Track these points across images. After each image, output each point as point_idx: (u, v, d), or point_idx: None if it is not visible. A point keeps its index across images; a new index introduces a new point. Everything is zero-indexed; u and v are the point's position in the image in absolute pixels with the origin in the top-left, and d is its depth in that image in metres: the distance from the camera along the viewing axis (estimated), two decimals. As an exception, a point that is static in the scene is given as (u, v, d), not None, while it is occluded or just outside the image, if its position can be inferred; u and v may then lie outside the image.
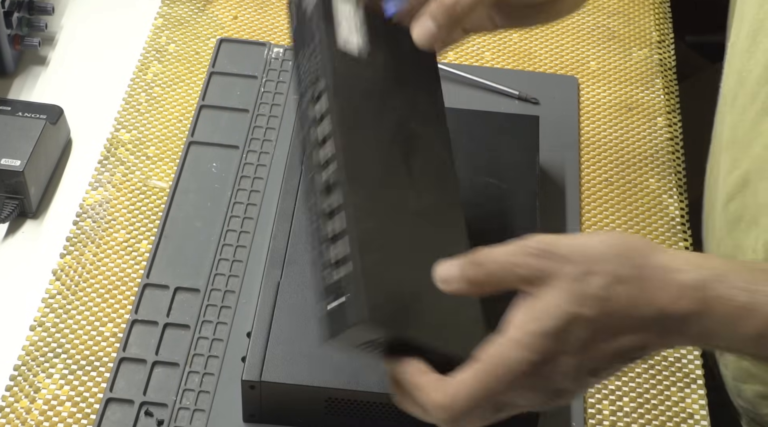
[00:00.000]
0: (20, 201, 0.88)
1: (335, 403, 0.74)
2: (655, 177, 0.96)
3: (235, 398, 0.76)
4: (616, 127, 1.00)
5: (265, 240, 0.86)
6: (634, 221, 0.92)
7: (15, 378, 0.79)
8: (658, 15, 1.11)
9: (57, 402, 0.78)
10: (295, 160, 0.86)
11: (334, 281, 0.59)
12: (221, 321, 0.82)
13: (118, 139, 0.96)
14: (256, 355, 0.74)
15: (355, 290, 0.57)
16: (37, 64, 1.02)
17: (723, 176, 0.80)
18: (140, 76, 1.01)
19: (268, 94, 0.99)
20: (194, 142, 0.95)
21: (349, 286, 0.58)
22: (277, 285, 0.78)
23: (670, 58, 1.07)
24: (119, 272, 0.86)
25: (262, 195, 0.91)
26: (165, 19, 1.07)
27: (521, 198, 0.85)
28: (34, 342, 0.81)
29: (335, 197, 0.60)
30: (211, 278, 0.85)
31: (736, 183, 0.78)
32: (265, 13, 1.09)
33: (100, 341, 0.81)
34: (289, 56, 1.02)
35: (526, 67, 1.05)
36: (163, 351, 0.80)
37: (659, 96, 1.03)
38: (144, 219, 0.90)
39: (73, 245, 0.87)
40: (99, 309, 0.83)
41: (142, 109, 0.98)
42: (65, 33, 1.06)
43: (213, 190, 0.91)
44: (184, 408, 0.77)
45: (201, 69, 1.02)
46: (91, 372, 0.80)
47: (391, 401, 0.73)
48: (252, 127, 0.96)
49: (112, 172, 0.93)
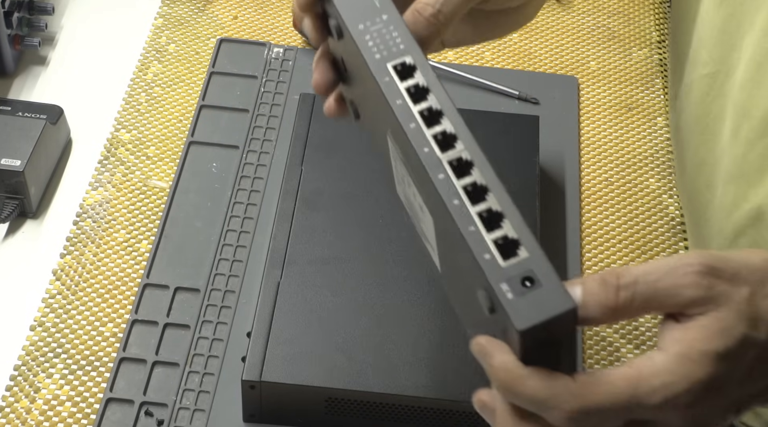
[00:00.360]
0: (20, 201, 0.88)
1: (335, 403, 0.74)
2: (655, 177, 0.96)
3: (235, 398, 0.76)
4: (616, 127, 1.00)
5: (265, 240, 0.86)
6: (634, 221, 0.92)
7: (15, 378, 0.79)
8: (658, 15, 1.11)
9: (57, 402, 0.78)
10: (295, 160, 0.86)
11: (510, 264, 0.51)
12: (221, 321, 0.82)
13: (118, 139, 0.96)
14: (256, 355, 0.74)
15: (554, 279, 0.51)
16: (37, 64, 1.02)
17: (727, 209, 0.78)
18: (140, 76, 1.01)
19: (268, 94, 0.99)
20: (194, 142, 0.95)
21: (541, 275, 0.51)
22: (277, 285, 0.78)
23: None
24: (119, 272, 0.86)
25: (262, 195, 0.91)
26: (165, 19, 1.07)
27: (521, 198, 0.84)
28: (34, 342, 0.81)
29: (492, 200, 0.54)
30: (211, 278, 0.85)
31: (746, 217, 0.75)
32: (265, 13, 1.09)
33: (100, 341, 0.81)
34: (289, 56, 1.02)
35: (526, 67, 1.05)
36: (163, 351, 0.80)
37: (659, 96, 1.03)
38: (144, 219, 0.90)
39: (73, 245, 0.87)
40: (99, 309, 0.83)
41: (142, 109, 0.98)
42: (65, 33, 1.06)
43: (213, 190, 0.91)
44: (184, 408, 0.77)
45: (201, 69, 1.02)
46: (91, 372, 0.80)
47: (390, 401, 0.73)
48: (252, 127, 0.96)
49: (112, 172, 0.93)
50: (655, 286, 0.51)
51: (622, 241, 0.91)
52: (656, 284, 0.51)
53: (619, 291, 0.51)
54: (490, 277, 0.50)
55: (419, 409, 0.74)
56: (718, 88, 0.77)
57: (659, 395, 0.50)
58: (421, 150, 0.54)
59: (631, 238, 0.91)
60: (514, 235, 0.51)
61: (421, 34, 0.62)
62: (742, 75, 0.73)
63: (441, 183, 0.53)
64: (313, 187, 0.85)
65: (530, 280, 0.50)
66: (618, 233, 0.91)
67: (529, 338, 0.49)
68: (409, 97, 0.56)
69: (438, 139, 0.54)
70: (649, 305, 0.51)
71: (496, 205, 0.52)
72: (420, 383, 0.73)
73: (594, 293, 0.51)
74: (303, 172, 0.86)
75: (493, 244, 0.51)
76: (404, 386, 0.73)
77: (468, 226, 0.52)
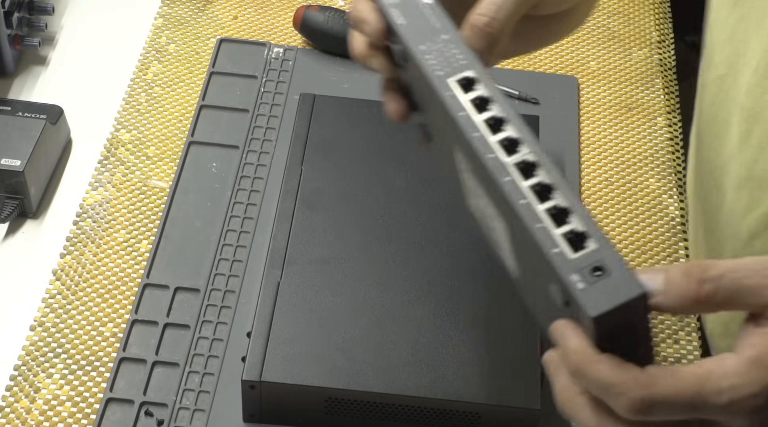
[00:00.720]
0: (20, 201, 0.88)
1: (335, 403, 0.74)
2: (655, 177, 0.96)
3: (235, 398, 0.76)
4: (616, 127, 1.00)
5: (265, 240, 0.86)
6: (634, 221, 0.92)
7: (15, 378, 0.79)
8: (658, 15, 1.11)
9: (57, 402, 0.78)
10: (295, 159, 0.86)
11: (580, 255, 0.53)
12: (221, 321, 0.82)
13: (118, 139, 0.96)
14: (256, 355, 0.74)
15: (623, 268, 0.53)
16: (37, 64, 1.02)
17: (740, 213, 0.78)
18: (140, 76, 1.01)
19: (268, 94, 0.99)
20: (194, 142, 0.95)
21: (610, 264, 0.53)
22: (277, 285, 0.78)
23: (670, 58, 1.07)
24: (119, 272, 0.86)
25: (262, 195, 0.91)
26: (165, 19, 1.07)
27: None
28: (34, 342, 0.81)
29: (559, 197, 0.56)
30: (211, 278, 0.85)
31: (761, 221, 0.75)
32: (265, 13, 1.09)
33: (100, 341, 0.81)
34: (289, 56, 1.02)
35: (526, 67, 1.05)
36: (163, 351, 0.80)
37: (659, 96, 1.03)
38: (144, 219, 0.90)
39: (73, 245, 0.87)
40: (99, 309, 0.83)
41: (142, 109, 0.98)
42: (65, 33, 1.06)
43: (213, 190, 0.91)
44: (184, 408, 0.77)
45: (201, 69, 1.02)
46: (91, 372, 0.80)
47: (390, 401, 0.73)
48: (252, 127, 0.96)
49: (112, 172, 0.93)
50: (740, 283, 0.51)
51: (622, 241, 0.91)
52: (742, 280, 0.51)
53: (703, 284, 0.51)
54: (561, 269, 0.52)
55: (419, 409, 0.74)
56: (726, 92, 0.77)
57: (726, 396, 0.50)
58: (487, 156, 0.57)
59: (631, 238, 0.91)
60: (581, 228, 0.53)
61: (478, 45, 0.64)
62: (750, 79, 0.73)
63: (508, 185, 0.56)
64: (313, 187, 0.85)
65: (600, 269, 0.52)
66: (618, 233, 0.91)
67: (602, 324, 0.51)
68: (472, 108, 0.59)
69: (503, 145, 0.57)
70: (731, 301, 0.51)
71: (562, 201, 0.54)
72: (420, 383, 0.73)
73: (676, 282, 0.51)
74: (303, 172, 0.86)
75: (562, 238, 0.53)
76: (404, 386, 0.73)
77: (536, 223, 0.54)
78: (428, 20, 0.63)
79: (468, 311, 0.77)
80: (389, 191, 0.85)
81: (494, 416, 0.73)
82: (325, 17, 1.03)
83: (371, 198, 0.84)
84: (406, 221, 0.83)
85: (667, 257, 0.90)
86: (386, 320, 0.76)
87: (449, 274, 0.79)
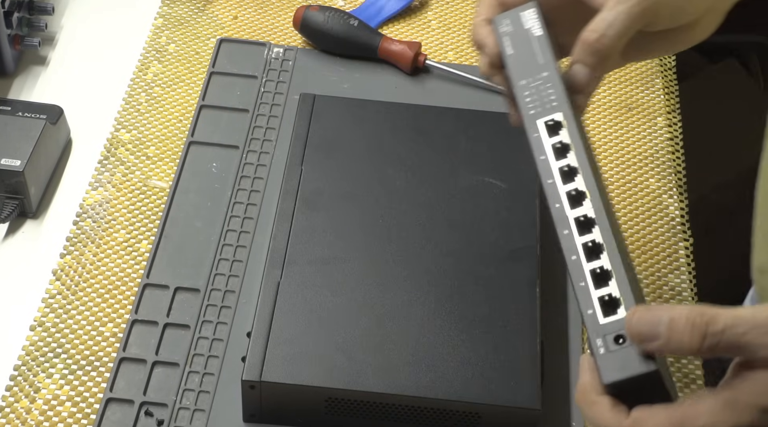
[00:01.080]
0: (20, 201, 0.88)
1: (335, 403, 0.74)
2: (655, 177, 0.96)
3: (235, 398, 0.76)
4: (616, 127, 1.00)
5: (265, 240, 0.86)
6: (634, 221, 0.92)
7: (15, 378, 0.79)
8: (658, 15, 1.11)
9: (57, 402, 0.78)
10: (295, 159, 0.86)
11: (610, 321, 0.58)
12: (221, 321, 0.82)
13: (118, 139, 0.96)
14: (256, 355, 0.74)
15: None
16: (37, 64, 1.02)
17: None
18: (140, 76, 1.01)
19: (268, 94, 0.99)
20: (194, 142, 0.95)
21: None
22: (277, 285, 0.78)
23: (670, 58, 1.07)
24: (119, 272, 0.86)
25: (262, 195, 0.91)
26: (165, 19, 1.07)
27: (521, 198, 0.85)
28: (34, 342, 0.81)
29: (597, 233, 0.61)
30: (211, 278, 0.85)
31: None
32: (265, 13, 1.09)
33: (100, 341, 0.81)
34: (289, 56, 1.02)
35: (526, 67, 1.04)
36: (163, 351, 0.80)
37: (659, 96, 1.03)
38: (144, 219, 0.90)
39: (73, 245, 0.87)
40: (99, 309, 0.83)
41: (142, 109, 0.98)
42: (65, 33, 1.06)
43: (213, 190, 0.92)
44: (184, 408, 0.77)
45: (201, 69, 1.02)
46: (91, 372, 0.80)
47: (390, 401, 0.73)
48: (252, 127, 0.96)
49: (112, 172, 0.93)
50: (740, 339, 0.53)
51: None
52: (743, 337, 0.53)
53: (705, 338, 0.54)
54: (590, 329, 0.58)
55: (419, 409, 0.74)
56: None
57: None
58: (555, 205, 0.62)
59: (631, 238, 0.91)
60: (617, 294, 0.58)
61: (588, 61, 0.65)
62: None
63: (565, 239, 0.61)
64: (313, 187, 0.85)
65: (622, 338, 0.56)
66: (618, 233, 0.91)
67: (614, 388, 0.56)
68: (552, 154, 0.63)
69: (570, 195, 0.62)
70: (729, 352, 0.54)
71: (607, 264, 0.59)
72: (420, 383, 0.73)
73: (679, 331, 0.54)
74: (303, 172, 0.86)
75: (599, 301, 0.58)
76: (404, 386, 0.73)
77: (580, 281, 0.59)
78: (534, 54, 0.67)
79: (468, 311, 0.77)
80: (389, 191, 0.85)
81: (494, 416, 0.73)
82: (325, 17, 1.03)
83: (371, 198, 0.84)
84: (406, 220, 0.83)
85: (667, 257, 0.90)
86: (386, 320, 0.76)
87: (449, 274, 0.79)
